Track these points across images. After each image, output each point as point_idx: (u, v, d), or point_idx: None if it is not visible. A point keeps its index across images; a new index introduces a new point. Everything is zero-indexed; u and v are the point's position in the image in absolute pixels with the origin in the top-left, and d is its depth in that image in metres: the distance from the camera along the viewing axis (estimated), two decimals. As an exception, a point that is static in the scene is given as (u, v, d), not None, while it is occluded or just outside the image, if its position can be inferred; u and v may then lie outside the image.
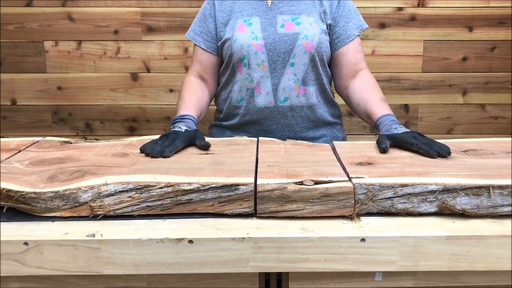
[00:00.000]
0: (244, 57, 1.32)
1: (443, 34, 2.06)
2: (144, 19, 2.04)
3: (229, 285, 0.81)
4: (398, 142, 1.03)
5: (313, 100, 1.36)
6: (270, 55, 1.31)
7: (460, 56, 2.08)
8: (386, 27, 2.05)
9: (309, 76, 1.34)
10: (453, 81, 2.11)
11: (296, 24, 1.31)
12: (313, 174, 0.84)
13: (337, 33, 1.35)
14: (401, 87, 2.11)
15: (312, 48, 1.31)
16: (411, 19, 2.04)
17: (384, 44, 2.07)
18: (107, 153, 1.01)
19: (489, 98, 2.13)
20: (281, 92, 1.33)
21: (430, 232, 0.75)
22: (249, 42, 1.30)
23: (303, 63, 1.32)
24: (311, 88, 1.35)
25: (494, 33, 2.05)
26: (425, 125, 2.15)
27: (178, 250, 0.74)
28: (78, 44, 2.06)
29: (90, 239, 0.74)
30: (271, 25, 1.32)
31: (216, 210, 0.80)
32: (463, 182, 0.79)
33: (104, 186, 0.79)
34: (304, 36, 1.30)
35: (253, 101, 1.34)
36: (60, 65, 2.08)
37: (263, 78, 1.32)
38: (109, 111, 2.13)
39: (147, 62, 2.08)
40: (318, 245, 0.74)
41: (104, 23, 2.04)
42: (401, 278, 0.80)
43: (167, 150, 0.99)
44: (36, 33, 2.05)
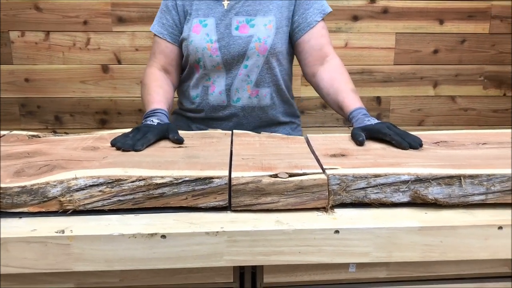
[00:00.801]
0: (199, 60, 1.34)
1: (415, 27, 2.08)
2: (115, 10, 2.00)
3: (204, 279, 0.80)
4: (372, 133, 1.03)
5: (266, 101, 1.38)
6: (224, 57, 1.32)
7: (431, 49, 2.11)
8: (359, 20, 2.06)
9: (263, 78, 1.36)
10: (424, 74, 2.14)
11: (251, 26, 1.32)
12: (287, 167, 0.84)
13: (297, 22, 1.35)
14: (373, 80, 2.13)
15: (265, 50, 1.32)
16: (383, 12, 2.06)
17: (357, 37, 2.08)
18: (77, 147, 0.98)
19: (459, 90, 2.17)
20: (234, 93, 1.35)
21: (403, 223, 0.76)
22: (203, 45, 1.31)
23: (257, 66, 1.33)
24: (265, 90, 1.37)
25: (464, 26, 2.09)
26: (397, 117, 2.17)
27: (151, 245, 0.73)
28: (46, 35, 2.00)
29: (60, 235, 0.72)
30: (226, 27, 1.32)
31: (189, 203, 0.79)
32: (435, 172, 0.80)
33: (74, 180, 0.77)
34: (257, 39, 1.31)
35: (207, 99, 1.37)
36: (27, 56, 2.02)
37: (218, 77, 1.35)
38: (80, 103, 2.09)
39: (118, 53, 2.04)
40: (293, 237, 0.74)
41: (73, 13, 1.99)
42: (374, 269, 0.81)
43: (139, 144, 0.97)
44: (1, 23, 1.99)
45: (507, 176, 0.80)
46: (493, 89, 2.18)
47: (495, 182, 0.80)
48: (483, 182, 0.80)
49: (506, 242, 0.77)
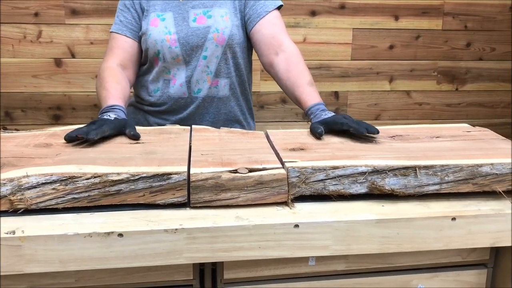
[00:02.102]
0: (159, 52, 1.33)
1: (371, 22, 2.12)
2: (68, 2, 1.93)
3: (163, 277, 0.79)
4: (330, 125, 1.04)
5: (225, 92, 1.40)
6: (183, 49, 1.33)
7: (387, 44, 2.15)
8: (316, 15, 2.08)
9: (222, 68, 1.37)
10: (381, 69, 2.18)
11: (208, 17, 1.34)
12: (247, 162, 0.83)
13: (248, 14, 1.37)
14: (331, 75, 2.16)
15: (224, 41, 1.33)
16: (340, 7, 2.08)
17: (315, 32, 2.10)
18: (29, 144, 0.94)
19: (414, 85, 2.22)
20: (195, 84, 1.36)
21: (361, 216, 0.77)
22: (162, 37, 1.32)
23: (216, 56, 1.35)
24: (224, 80, 1.38)
25: (418, 22, 2.14)
26: (354, 111, 2.21)
27: (107, 244, 0.71)
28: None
29: (10, 236, 0.69)
30: (184, 20, 1.34)
31: (147, 200, 0.78)
32: (391, 164, 0.82)
33: (25, 178, 0.74)
34: (215, 30, 1.32)
35: (168, 92, 1.37)
36: (-26, 49, 1.93)
37: (178, 70, 1.35)
38: (31, 98, 2.01)
39: (71, 47, 1.97)
40: (253, 233, 0.74)
41: (22, 4, 1.91)
42: (333, 262, 0.82)
43: (93, 133, 0.93)
44: None
45: (459, 167, 0.83)
46: (446, 84, 2.25)
47: (448, 173, 0.83)
48: (437, 173, 0.82)
49: (459, 233, 0.79)
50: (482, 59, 2.24)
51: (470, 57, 2.22)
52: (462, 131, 1.10)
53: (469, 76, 2.25)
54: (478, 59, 2.23)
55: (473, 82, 2.26)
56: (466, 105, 2.29)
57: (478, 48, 2.22)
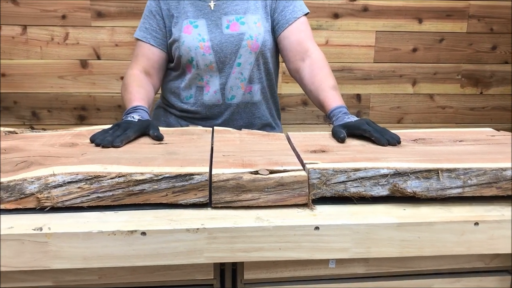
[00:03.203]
0: (192, 59, 1.34)
1: (394, 25, 2.10)
2: (94, 4, 1.97)
3: (183, 276, 0.80)
4: (352, 129, 1.04)
5: (257, 97, 1.41)
6: (217, 56, 1.34)
7: (410, 47, 2.14)
8: (339, 18, 2.07)
9: (254, 74, 1.38)
10: (403, 72, 2.16)
11: (241, 24, 1.34)
12: (268, 163, 0.84)
13: (276, 19, 1.38)
14: (353, 77, 2.15)
15: (257, 48, 1.35)
16: (363, 10, 2.07)
17: (338, 35, 2.09)
18: (55, 143, 0.97)
19: (437, 88, 2.20)
20: (229, 91, 1.37)
21: (382, 219, 0.77)
22: (196, 44, 1.33)
23: (249, 63, 1.36)
24: (257, 86, 1.40)
25: (442, 25, 2.12)
26: (376, 114, 2.20)
27: (130, 242, 0.72)
28: (23, 29, 1.97)
29: (37, 233, 0.70)
30: (217, 27, 1.34)
31: (169, 200, 0.79)
32: (413, 166, 0.82)
33: (52, 176, 0.76)
34: (249, 37, 1.33)
35: (202, 99, 1.38)
36: (4, 50, 1.98)
37: (211, 77, 1.36)
38: (57, 99, 2.05)
39: (97, 48, 2.01)
40: (273, 234, 0.74)
41: (51, 7, 1.96)
42: (353, 265, 0.82)
43: (118, 140, 0.96)
44: (-24, 17, 1.95)
45: (483, 170, 0.82)
46: (470, 88, 2.22)
47: (471, 176, 0.82)
48: (460, 176, 0.82)
49: (482, 238, 0.78)
50: (508, 62, 2.20)
51: (495, 60, 2.19)
52: (486, 135, 1.08)
53: (494, 80, 2.21)
54: (504, 62, 2.20)
55: (498, 85, 2.22)
56: (490, 109, 2.25)
57: (503, 51, 2.18)
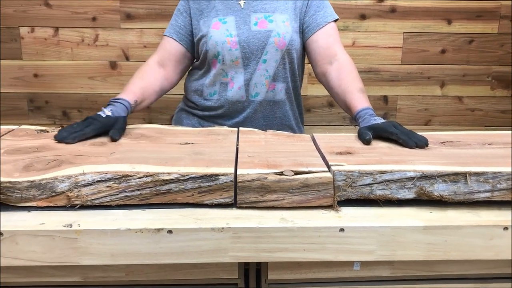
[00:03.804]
0: (218, 54, 1.35)
1: (422, 26, 2.07)
2: (123, 6, 2.00)
3: (208, 275, 0.81)
4: (378, 132, 1.04)
5: (281, 96, 1.41)
6: (243, 51, 1.35)
7: (439, 49, 2.10)
8: (366, 19, 2.06)
9: (279, 73, 1.39)
10: (432, 73, 2.13)
11: (269, 21, 1.35)
12: (293, 165, 0.84)
13: (307, 23, 1.38)
14: (380, 79, 2.13)
15: (284, 45, 1.35)
16: (391, 11, 2.05)
17: (365, 36, 2.08)
18: (85, 142, 0.99)
19: (466, 90, 2.16)
20: (253, 87, 1.38)
21: (408, 222, 0.76)
22: (223, 39, 1.34)
23: (275, 60, 1.36)
24: (281, 84, 1.40)
25: (472, 26, 2.08)
26: (403, 116, 2.17)
27: (156, 240, 0.73)
28: (55, 31, 2.02)
29: (67, 229, 0.72)
30: (245, 23, 1.36)
31: (195, 200, 0.80)
32: (440, 169, 0.81)
33: (82, 175, 0.78)
34: (276, 34, 1.34)
35: (225, 95, 1.39)
36: (37, 52, 2.04)
37: (236, 73, 1.37)
38: (87, 99, 2.10)
39: (126, 50, 2.05)
40: (297, 235, 0.75)
41: (81, 9, 2.00)
42: (378, 267, 0.81)
43: (71, 137, 0.99)
44: (11, 19, 2.00)
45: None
46: (500, 90, 2.17)
47: (501, 180, 0.80)
48: (488, 180, 0.80)
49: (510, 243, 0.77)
50: (540, 64, 2.14)
51: (527, 62, 2.14)
52: (516, 138, 1.06)
53: (526, 82, 2.16)
54: (536, 64, 2.14)
55: (530, 87, 2.17)
56: (522, 111, 2.20)
57: (536, 53, 2.13)
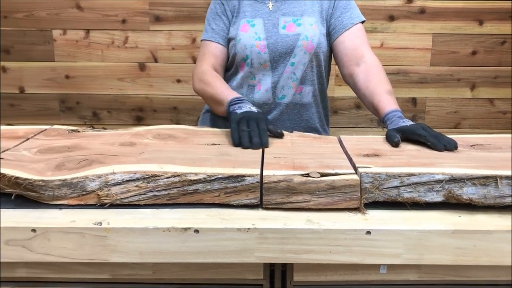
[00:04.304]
0: (247, 57, 1.36)
1: (453, 27, 2.04)
2: (152, 9, 2.03)
3: (234, 275, 0.81)
4: (407, 134, 1.03)
5: (308, 99, 1.42)
6: (272, 55, 1.36)
7: (469, 50, 2.06)
8: (395, 20, 2.04)
9: (307, 75, 1.39)
10: (462, 75, 2.09)
11: (297, 25, 1.36)
12: (319, 166, 0.84)
13: (333, 25, 1.38)
14: (409, 80, 2.10)
15: (312, 48, 1.35)
16: (420, 12, 2.03)
17: (393, 37, 2.06)
18: (114, 142, 1.01)
19: (497, 92, 2.11)
20: (280, 90, 1.38)
21: (435, 226, 0.75)
22: (252, 42, 1.35)
23: (303, 63, 1.36)
24: (308, 87, 1.40)
25: (505, 27, 2.03)
26: (432, 119, 2.14)
27: (183, 239, 0.74)
28: (86, 33, 2.06)
29: (97, 227, 0.74)
30: (274, 26, 1.36)
31: (222, 200, 0.81)
32: (470, 172, 0.79)
33: (112, 175, 0.80)
34: (304, 37, 1.34)
35: (252, 97, 1.40)
36: (68, 53, 2.09)
37: (264, 76, 1.38)
38: (116, 100, 2.14)
39: (154, 52, 2.08)
40: (323, 236, 0.75)
41: (112, 12, 2.04)
42: (405, 271, 0.81)
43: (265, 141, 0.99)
44: (44, 22, 2.06)
45: (545, 181, 0.78)
46: (534, 92, 2.11)
47: (533, 185, 0.79)
48: (520, 184, 0.79)
49: (543, 249, 0.75)
50: None
51: (562, 64, 2.08)
52: (550, 142, 1.03)
53: (561, 84, 2.10)
54: None
55: None
56: (556, 114, 2.14)
57: None
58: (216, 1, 1.43)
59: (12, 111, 2.15)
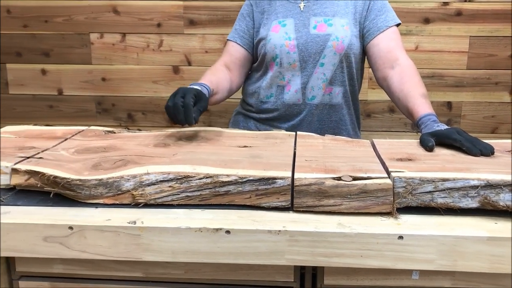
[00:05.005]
0: (276, 56, 1.37)
1: (490, 30, 1.99)
2: (187, 13, 2.06)
3: (264, 277, 0.82)
4: (441, 138, 1.01)
5: (338, 100, 1.41)
6: (301, 55, 1.36)
7: (508, 53, 2.01)
8: (430, 22, 2.00)
9: (337, 76, 1.38)
10: (500, 79, 2.04)
11: (329, 25, 1.35)
12: (351, 170, 0.84)
13: (367, 27, 1.37)
14: (444, 84, 2.06)
15: (342, 49, 1.34)
16: (456, 14, 1.99)
17: (428, 40, 2.02)
18: (149, 144, 1.03)
19: (537, 96, 2.05)
20: (309, 90, 1.38)
21: (470, 232, 0.74)
22: (282, 42, 1.36)
23: (332, 64, 1.36)
24: (338, 88, 1.39)
25: (545, 29, 1.97)
26: (468, 123, 2.09)
27: (215, 239, 0.75)
28: (122, 36, 2.11)
29: (131, 226, 0.76)
30: (304, 26, 1.36)
31: (253, 202, 0.81)
32: (507, 178, 0.77)
33: (146, 175, 0.82)
34: (335, 38, 1.34)
35: (282, 98, 1.40)
36: (105, 57, 2.14)
37: (293, 76, 1.38)
38: (151, 102, 2.18)
39: (188, 55, 2.11)
40: (355, 240, 0.74)
41: (147, 16, 2.08)
42: (438, 278, 0.79)
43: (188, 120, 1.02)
44: (82, 26, 2.12)
45: None
46: None
47: None
48: (560, 193, 0.76)
49: None
50: None
51: None
52: None
53: None
54: None
55: None
56: None
57: None
58: (247, 2, 1.46)
59: (51, 112, 2.22)
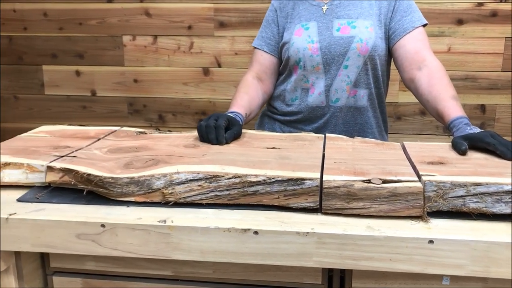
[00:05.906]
0: (300, 60, 1.37)
1: (527, 31, 1.94)
2: (217, 15, 2.08)
3: (292, 278, 0.82)
4: (474, 142, 0.99)
5: (363, 102, 1.39)
6: (324, 57, 1.35)
7: (545, 55, 1.95)
8: (464, 24, 1.96)
9: (361, 79, 1.37)
10: (537, 81, 1.98)
11: (352, 27, 1.34)
12: (381, 173, 0.83)
13: (393, 28, 1.35)
14: (477, 87, 2.02)
15: (367, 51, 1.33)
16: (491, 15, 1.94)
17: (461, 41, 1.98)
18: (179, 144, 1.05)
19: None
20: (333, 93, 1.37)
21: (503, 238, 0.72)
22: (305, 45, 1.35)
23: (357, 66, 1.34)
24: (363, 91, 1.38)
25: None
26: (502, 126, 2.04)
27: (243, 240, 0.76)
28: (154, 39, 2.15)
29: (161, 225, 0.77)
30: (328, 29, 1.36)
31: (281, 203, 0.81)
32: (542, 186, 0.75)
33: (176, 174, 0.83)
34: (359, 40, 1.32)
35: (306, 100, 1.40)
36: (137, 58, 2.18)
37: (317, 79, 1.37)
38: (181, 104, 2.20)
39: (218, 57, 2.13)
40: (384, 244, 0.73)
41: (178, 18, 2.11)
42: (470, 283, 0.78)
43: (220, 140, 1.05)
44: (115, 28, 2.16)
45: None
46: None
47: None
48: None
49: None
50: None
51: None
52: None
53: None
54: None
55: None
56: None
57: None
58: (271, 8, 1.46)
59: (84, 113, 2.28)
